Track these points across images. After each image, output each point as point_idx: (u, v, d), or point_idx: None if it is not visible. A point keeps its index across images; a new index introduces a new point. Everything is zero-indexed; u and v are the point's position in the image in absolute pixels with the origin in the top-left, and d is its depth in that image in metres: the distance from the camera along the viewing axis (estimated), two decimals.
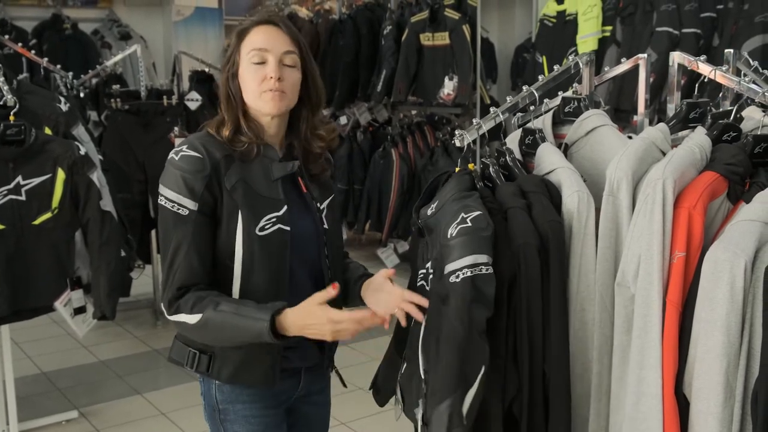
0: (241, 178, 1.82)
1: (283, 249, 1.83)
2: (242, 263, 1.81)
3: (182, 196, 1.77)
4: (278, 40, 1.85)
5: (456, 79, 5.67)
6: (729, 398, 1.50)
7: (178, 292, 1.79)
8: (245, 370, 1.85)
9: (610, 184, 1.71)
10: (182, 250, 1.78)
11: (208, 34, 9.22)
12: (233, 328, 1.74)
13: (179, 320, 1.79)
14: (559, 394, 1.75)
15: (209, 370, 1.86)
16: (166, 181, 1.80)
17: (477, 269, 1.64)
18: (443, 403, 1.66)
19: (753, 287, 1.47)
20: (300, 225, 1.88)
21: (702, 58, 2.01)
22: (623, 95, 4.83)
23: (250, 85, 1.83)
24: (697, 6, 4.72)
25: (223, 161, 1.81)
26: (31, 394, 4.21)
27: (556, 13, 5.46)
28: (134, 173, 4.97)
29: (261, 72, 1.82)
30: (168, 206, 1.79)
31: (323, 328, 1.70)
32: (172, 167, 1.79)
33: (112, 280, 3.38)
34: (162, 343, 4.92)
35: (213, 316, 1.74)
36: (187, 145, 1.82)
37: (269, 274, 1.82)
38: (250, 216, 1.80)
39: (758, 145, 1.71)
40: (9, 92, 3.24)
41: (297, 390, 1.97)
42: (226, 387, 1.89)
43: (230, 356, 1.84)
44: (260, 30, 1.85)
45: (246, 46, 1.85)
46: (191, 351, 1.88)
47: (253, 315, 1.72)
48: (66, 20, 7.86)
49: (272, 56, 1.82)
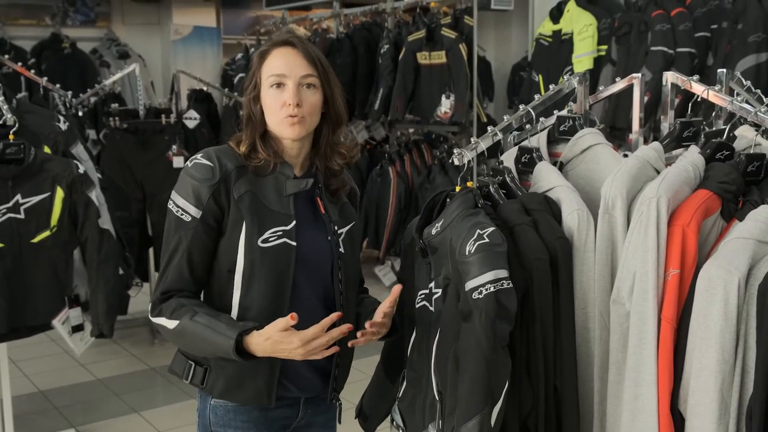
0: (250, 190, 1.82)
1: (287, 264, 1.82)
2: (242, 274, 1.81)
3: (188, 203, 1.80)
4: (296, 63, 1.84)
5: (453, 97, 5.69)
6: (724, 415, 1.51)
7: (162, 296, 1.82)
8: (237, 387, 1.85)
9: (605, 202, 1.73)
10: (177, 255, 1.81)
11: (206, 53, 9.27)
12: (203, 341, 1.76)
13: (159, 323, 1.81)
14: (571, 409, 1.77)
15: (204, 383, 1.86)
16: (177, 187, 1.83)
17: (499, 284, 1.65)
18: (471, 421, 1.64)
19: (747, 304, 1.49)
20: (310, 244, 1.86)
21: (695, 78, 2.03)
22: (618, 114, 4.86)
23: (271, 109, 1.84)
24: (691, 26, 4.77)
25: (235, 171, 1.83)
26: (28, 412, 4.20)
27: (551, 32, 5.50)
28: (132, 191, 4.98)
29: (280, 97, 1.82)
30: (173, 210, 1.82)
31: (293, 352, 1.71)
32: (185, 174, 1.83)
33: (109, 298, 3.38)
34: (159, 362, 4.91)
35: (188, 325, 1.77)
36: (202, 154, 1.85)
37: (270, 287, 1.81)
38: (254, 226, 1.80)
39: (751, 164, 1.73)
40: (8, 111, 3.25)
41: (295, 420, 1.95)
42: (220, 409, 1.88)
43: (224, 371, 1.84)
44: (279, 53, 1.85)
45: (266, 70, 1.85)
46: (188, 362, 1.89)
47: (223, 331, 1.74)
48: (65, 39, 7.91)
49: (291, 81, 1.82)
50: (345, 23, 6.99)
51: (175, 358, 1.94)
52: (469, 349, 1.67)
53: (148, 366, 4.92)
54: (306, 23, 7.52)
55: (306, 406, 1.96)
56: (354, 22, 6.90)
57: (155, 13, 9.11)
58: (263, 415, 1.90)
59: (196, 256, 1.82)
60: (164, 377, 4.71)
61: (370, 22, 6.78)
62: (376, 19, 6.76)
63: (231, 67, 8.10)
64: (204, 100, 6.18)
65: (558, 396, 1.76)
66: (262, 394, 1.86)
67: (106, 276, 3.38)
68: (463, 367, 1.68)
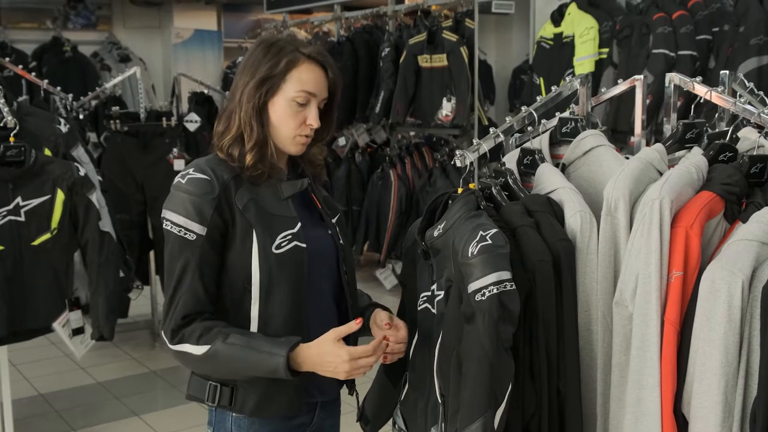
0: (252, 198, 1.77)
1: (301, 266, 1.78)
2: (260, 285, 1.75)
3: (190, 221, 1.71)
4: (323, 84, 1.80)
5: (454, 100, 5.70)
6: (727, 417, 1.50)
7: (183, 320, 1.71)
8: (270, 401, 1.79)
9: (608, 204, 1.72)
10: (187, 276, 1.71)
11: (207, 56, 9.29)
12: (244, 362, 1.68)
13: (182, 350, 1.71)
14: (574, 411, 1.76)
15: (232, 404, 1.79)
16: (171, 205, 1.73)
17: (502, 286, 1.64)
18: (474, 424, 1.63)
19: (750, 306, 1.48)
20: (317, 242, 1.84)
21: (698, 79, 2.02)
22: (620, 116, 4.85)
23: (287, 124, 1.78)
24: (693, 28, 4.76)
25: (233, 182, 1.76)
26: (28, 415, 4.19)
27: (553, 35, 5.49)
28: (133, 194, 4.98)
29: (301, 115, 1.78)
30: (174, 231, 1.72)
31: (340, 367, 1.66)
32: (179, 191, 1.73)
33: (110, 301, 3.37)
34: (160, 365, 4.91)
35: (222, 349, 1.68)
36: (193, 168, 1.76)
37: (289, 294, 1.77)
38: (265, 234, 1.75)
39: (754, 166, 1.72)
40: (9, 114, 3.25)
41: (310, 425, 1.92)
42: (243, 422, 1.82)
43: (254, 388, 1.77)
44: (311, 68, 1.79)
45: (294, 81, 1.77)
46: (212, 384, 1.79)
47: (268, 350, 1.67)
48: (66, 43, 7.93)
49: (315, 102, 1.79)
50: (346, 26, 6.99)
51: (192, 382, 1.85)
52: (471, 351, 1.66)
53: (148, 369, 4.91)
54: (307, 26, 7.53)
55: (320, 411, 1.94)
56: (355, 26, 6.91)
57: (156, 16, 9.13)
58: (286, 424, 1.86)
59: (207, 274, 1.73)
60: (165, 380, 4.70)
61: (371, 25, 6.79)
62: (377, 22, 6.77)
63: (232, 70, 8.13)
64: (205, 103, 6.17)
65: (561, 398, 1.76)
66: (293, 402, 1.82)
67: (106, 279, 3.37)
68: (466, 370, 1.67)
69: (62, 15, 8.51)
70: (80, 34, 8.55)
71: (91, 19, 8.79)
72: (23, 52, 7.72)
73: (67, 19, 8.60)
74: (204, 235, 1.71)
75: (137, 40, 8.86)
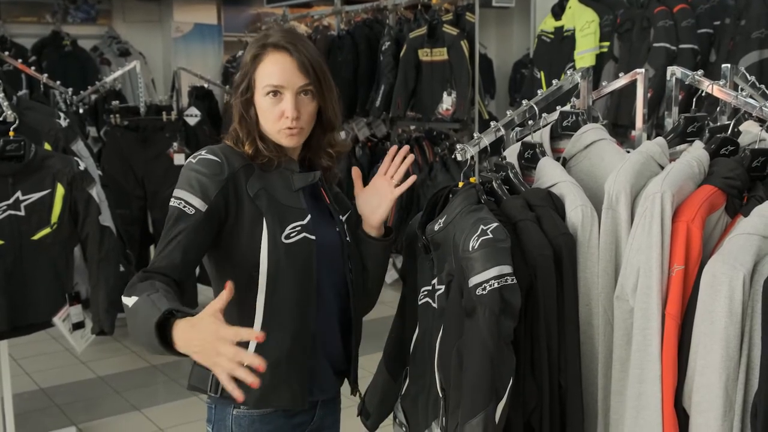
0: (263, 187, 1.78)
1: (309, 258, 1.79)
2: (267, 273, 1.75)
3: (193, 195, 1.71)
4: (293, 72, 1.77)
5: (454, 94, 5.69)
6: (728, 411, 1.50)
7: (143, 274, 1.65)
8: (273, 393, 1.78)
9: (609, 197, 1.72)
10: (173, 243, 1.69)
11: (207, 50, 9.26)
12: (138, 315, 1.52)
13: (123, 302, 1.60)
14: (575, 405, 1.76)
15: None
16: (180, 183, 1.74)
17: (503, 280, 1.63)
18: (475, 418, 1.63)
19: (752, 300, 1.48)
20: (324, 235, 1.84)
21: (699, 73, 2.02)
22: (621, 110, 4.84)
23: (268, 118, 1.78)
24: (694, 22, 4.75)
25: (243, 170, 1.78)
26: (29, 410, 4.19)
27: (553, 29, 5.48)
28: (133, 189, 4.98)
29: (278, 108, 1.77)
30: (175, 204, 1.73)
31: (207, 346, 1.39)
32: (188, 170, 1.75)
33: (110, 296, 3.37)
34: (161, 359, 4.90)
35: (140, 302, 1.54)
36: (206, 150, 1.79)
37: (296, 285, 1.77)
38: (275, 223, 1.76)
39: (756, 159, 1.72)
40: (9, 108, 3.25)
41: (310, 424, 1.92)
42: (244, 419, 1.82)
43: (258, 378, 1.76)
44: (274, 60, 1.77)
45: (260, 76, 1.78)
46: (214, 374, 1.73)
47: (159, 305, 1.49)
48: (65, 37, 7.90)
49: (289, 92, 1.77)
50: (346, 20, 6.98)
51: (194, 372, 1.83)
52: (472, 345, 1.66)
53: (149, 363, 4.91)
54: (307, 20, 7.51)
55: (321, 409, 1.93)
56: (355, 19, 6.90)
57: (156, 10, 9.09)
58: (288, 421, 1.86)
59: (194, 248, 1.72)
60: (165, 374, 4.71)
61: (372, 19, 6.78)
62: (377, 16, 6.76)
63: (232, 65, 8.10)
64: (205, 97, 6.18)
65: (562, 392, 1.76)
66: (297, 396, 1.81)
67: (106, 273, 3.37)
68: (467, 364, 1.67)
69: (62, 9, 8.48)
70: (80, 28, 8.51)
71: (90, 13, 8.75)
72: (23, 46, 7.69)
73: (67, 13, 8.56)
74: (203, 212, 1.71)
75: (137, 34, 8.82)
